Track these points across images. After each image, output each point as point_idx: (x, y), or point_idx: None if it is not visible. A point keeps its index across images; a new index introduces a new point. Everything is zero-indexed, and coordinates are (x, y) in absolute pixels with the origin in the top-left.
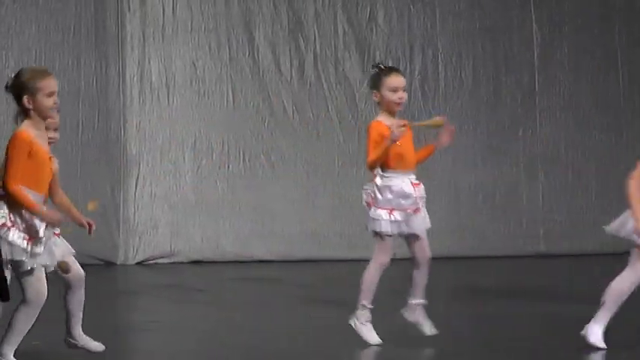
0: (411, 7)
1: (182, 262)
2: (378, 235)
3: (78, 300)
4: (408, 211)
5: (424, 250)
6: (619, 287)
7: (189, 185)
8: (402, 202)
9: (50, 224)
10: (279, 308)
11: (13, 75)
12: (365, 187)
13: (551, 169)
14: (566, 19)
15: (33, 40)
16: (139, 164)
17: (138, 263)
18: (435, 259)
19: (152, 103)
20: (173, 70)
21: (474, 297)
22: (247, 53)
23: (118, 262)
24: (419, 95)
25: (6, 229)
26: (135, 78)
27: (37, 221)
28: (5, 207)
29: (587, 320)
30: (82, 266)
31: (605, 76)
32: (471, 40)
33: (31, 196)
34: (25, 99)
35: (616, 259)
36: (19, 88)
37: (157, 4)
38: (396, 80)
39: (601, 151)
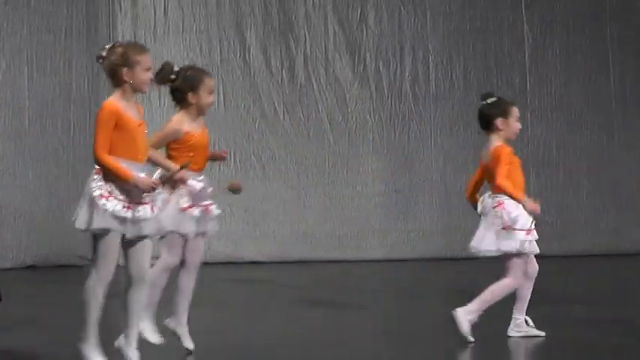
0: (402, 8)
1: None
2: (515, 256)
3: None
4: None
5: (534, 265)
6: None
7: None
8: (527, 223)
9: (146, 190)
10: (271, 309)
11: (107, 47)
12: (496, 212)
13: (543, 170)
14: (557, 20)
15: (24, 41)
16: None
17: None
18: (425, 261)
19: (143, 105)
20: None
21: (467, 298)
22: (238, 54)
23: None
24: (409, 97)
25: (104, 199)
26: None
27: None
28: (100, 177)
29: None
30: (72, 267)
31: (597, 76)
32: (462, 41)
33: (129, 166)
34: (124, 71)
35: (607, 259)
36: (118, 60)
37: (148, 6)
38: (517, 111)
39: (592, 151)
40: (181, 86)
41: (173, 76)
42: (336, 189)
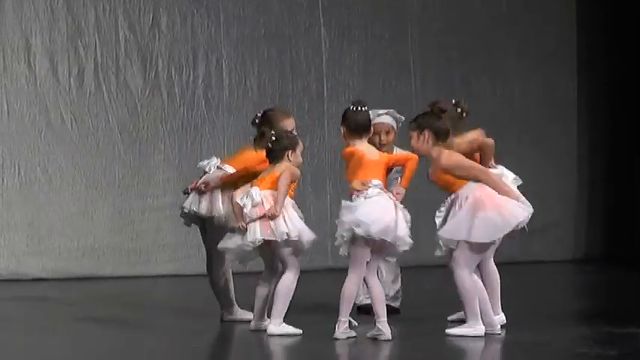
0: (195, 11)
1: None
2: None
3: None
4: None
5: None
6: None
7: None
8: None
9: None
10: (56, 328)
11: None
12: None
13: (341, 178)
14: (355, 24)
15: None
16: None
17: None
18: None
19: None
20: None
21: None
22: (23, 61)
23: None
24: (202, 104)
25: None
26: None
27: None
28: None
29: None
30: None
31: (397, 81)
32: (256, 47)
33: None
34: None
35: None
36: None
37: None
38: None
39: None
40: None
41: None
42: (126, 202)
